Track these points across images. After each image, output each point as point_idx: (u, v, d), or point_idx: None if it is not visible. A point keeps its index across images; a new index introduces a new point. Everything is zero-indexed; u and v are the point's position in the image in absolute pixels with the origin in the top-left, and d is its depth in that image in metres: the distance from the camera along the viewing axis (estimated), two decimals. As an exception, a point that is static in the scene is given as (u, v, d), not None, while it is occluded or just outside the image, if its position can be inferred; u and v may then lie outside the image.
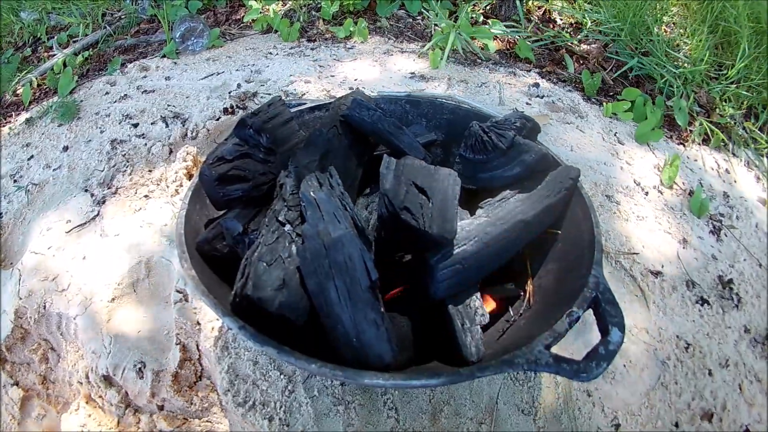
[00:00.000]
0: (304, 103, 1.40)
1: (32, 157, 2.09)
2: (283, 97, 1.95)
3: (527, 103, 2.13)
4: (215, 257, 0.98)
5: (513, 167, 1.10)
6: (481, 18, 2.81)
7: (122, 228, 1.54)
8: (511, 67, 2.47)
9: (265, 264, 0.81)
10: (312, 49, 2.61)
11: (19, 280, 1.54)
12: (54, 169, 1.90)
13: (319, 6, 2.94)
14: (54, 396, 1.53)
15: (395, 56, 2.49)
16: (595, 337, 0.94)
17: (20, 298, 1.51)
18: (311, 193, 0.86)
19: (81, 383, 1.38)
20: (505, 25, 2.69)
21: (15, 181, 1.98)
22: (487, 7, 2.90)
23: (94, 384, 1.31)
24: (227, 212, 1.02)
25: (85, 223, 1.59)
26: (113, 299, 1.36)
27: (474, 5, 2.89)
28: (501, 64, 2.48)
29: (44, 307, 1.46)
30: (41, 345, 1.53)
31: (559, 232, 1.08)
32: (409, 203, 0.89)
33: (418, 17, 2.91)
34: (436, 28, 2.68)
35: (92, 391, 1.33)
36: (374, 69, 2.36)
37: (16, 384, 1.56)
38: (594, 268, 0.90)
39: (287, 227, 0.87)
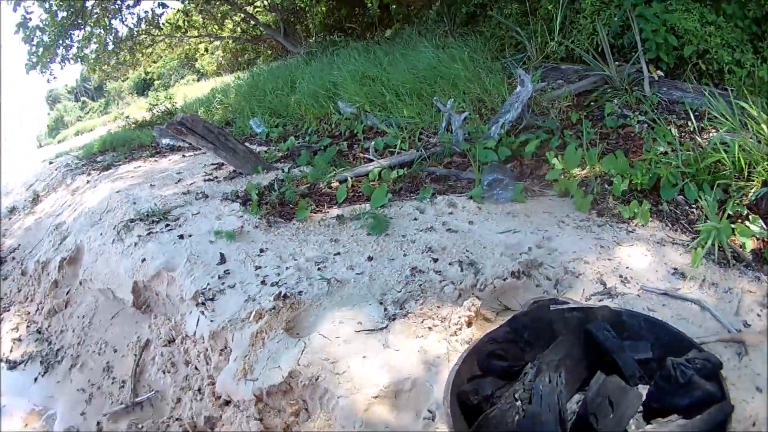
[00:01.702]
0: (568, 303, 2.09)
1: (338, 254, 3.15)
2: (562, 275, 2.67)
3: (758, 315, 2.45)
4: (465, 403, 1.70)
5: (683, 398, 1.64)
6: (745, 211, 3.16)
7: (403, 346, 2.37)
8: (758, 271, 2.79)
9: (495, 422, 1.50)
10: (599, 225, 3.27)
11: (303, 350, 2.47)
12: (357, 273, 2.89)
13: (611, 180, 3.62)
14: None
15: (665, 247, 3.00)
16: None
17: (299, 364, 2.42)
18: (541, 386, 1.54)
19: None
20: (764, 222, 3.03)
21: (319, 269, 3.04)
22: (753, 198, 3.25)
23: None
24: (485, 377, 1.75)
25: (373, 330, 2.48)
26: (376, 396, 2.15)
27: (743, 194, 3.26)
28: (751, 266, 2.83)
29: (317, 378, 2.33)
30: (298, 403, 2.41)
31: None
32: (597, 411, 1.51)
33: (694, 205, 3.39)
34: (707, 222, 3.14)
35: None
36: (644, 260, 2.89)
37: (260, 420, 2.44)
38: None
39: (518, 403, 1.55)
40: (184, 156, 7.16)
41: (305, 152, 5.44)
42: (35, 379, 3.68)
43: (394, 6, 9.34)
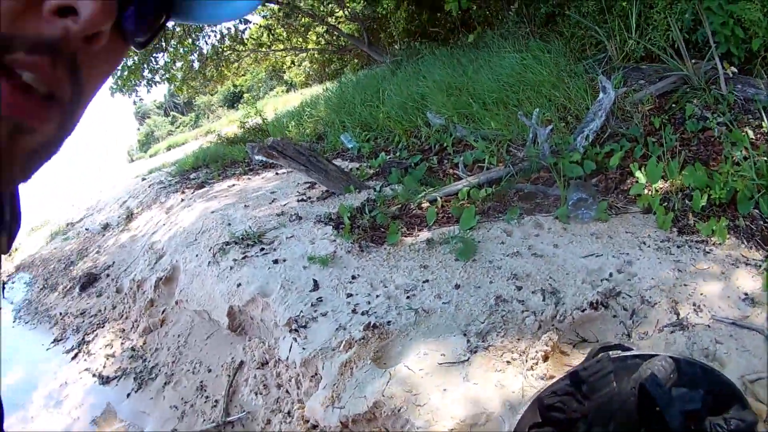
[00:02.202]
0: (631, 349, 2.21)
1: (427, 281, 3.34)
2: (639, 304, 2.76)
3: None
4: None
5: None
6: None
7: (481, 379, 2.52)
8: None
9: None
10: (678, 246, 3.30)
11: (388, 381, 2.66)
12: (443, 302, 3.07)
13: (691, 194, 3.63)
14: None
15: (739, 269, 3.01)
16: None
17: (383, 395, 2.61)
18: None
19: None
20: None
21: (408, 297, 3.23)
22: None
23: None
24: (544, 426, 1.91)
25: (455, 363, 2.65)
26: (452, 430, 2.31)
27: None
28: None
29: (399, 410, 2.52)
30: (381, 431, 2.61)
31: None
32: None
33: (768, 220, 3.35)
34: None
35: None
36: (717, 284, 2.90)
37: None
38: None
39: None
40: (277, 173, 7.55)
41: (396, 170, 5.66)
42: (128, 395, 4.06)
43: (474, 7, 9.46)
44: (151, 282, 5.32)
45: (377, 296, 3.29)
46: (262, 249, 4.38)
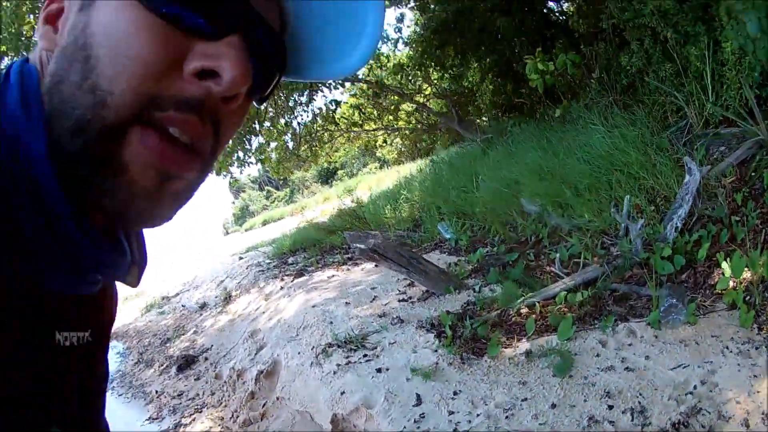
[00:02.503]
0: None
1: (525, 399, 3.52)
2: (716, 420, 2.81)
3: None
4: None
5: None
6: None
7: None
8: None
9: None
10: (756, 347, 3.30)
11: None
12: (540, 423, 3.24)
13: None
14: None
15: None
16: None
17: None
18: None
19: None
20: None
21: (507, 417, 3.41)
22: None
23: None
24: None
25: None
26: None
27: None
28: None
29: None
30: None
31: None
32: None
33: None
34: None
35: None
36: None
37: None
38: None
39: None
40: (376, 265, 7.83)
41: (494, 270, 5.87)
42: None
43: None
44: (252, 374, 5.64)
45: (477, 415, 3.48)
46: (365, 355, 4.66)
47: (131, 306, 12.72)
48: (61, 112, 0.60)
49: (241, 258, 13.64)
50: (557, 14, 12.06)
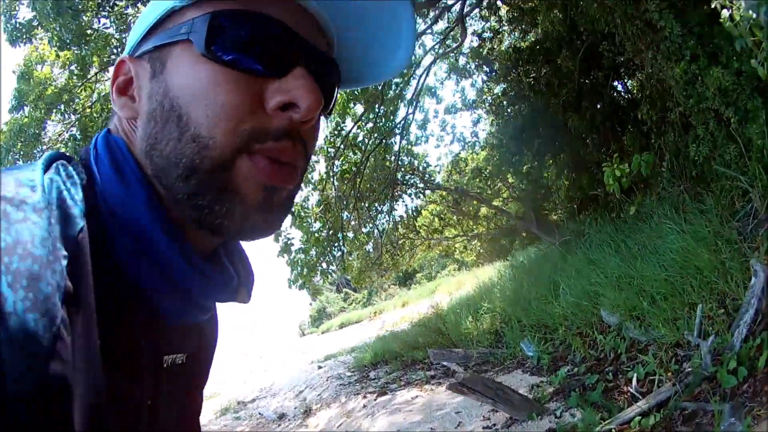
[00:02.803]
0: None
1: None
2: None
3: None
4: None
5: None
6: None
7: None
8: None
9: None
10: None
11: None
12: None
13: None
14: None
15: None
16: None
17: None
18: None
19: None
20: None
21: None
22: None
23: None
24: None
25: None
26: None
27: None
28: None
29: None
30: None
31: None
32: None
33: None
34: None
35: None
36: None
37: None
38: None
39: None
40: (459, 386, 8.03)
41: (575, 394, 6.09)
42: None
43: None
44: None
45: None
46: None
47: (205, 407, 12.86)
48: (166, 166, 0.70)
49: (320, 367, 13.71)
50: (625, 98, 12.24)
